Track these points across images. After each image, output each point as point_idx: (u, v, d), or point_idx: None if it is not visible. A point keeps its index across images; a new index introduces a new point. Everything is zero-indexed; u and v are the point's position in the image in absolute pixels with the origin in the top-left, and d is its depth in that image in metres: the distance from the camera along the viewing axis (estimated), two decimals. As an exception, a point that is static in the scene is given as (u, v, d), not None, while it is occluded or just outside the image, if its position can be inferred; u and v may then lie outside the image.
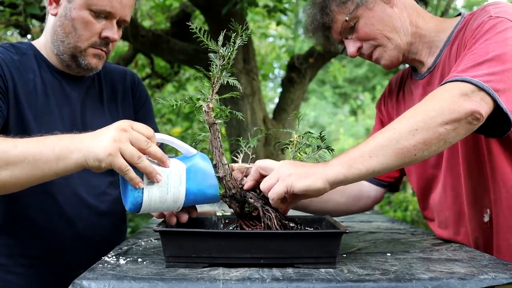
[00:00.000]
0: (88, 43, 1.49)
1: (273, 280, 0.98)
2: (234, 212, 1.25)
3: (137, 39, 4.53)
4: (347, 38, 1.52)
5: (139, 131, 1.14)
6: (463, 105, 1.18)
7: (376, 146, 1.17)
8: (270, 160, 1.24)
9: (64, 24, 1.48)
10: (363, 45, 1.52)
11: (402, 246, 1.42)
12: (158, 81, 6.26)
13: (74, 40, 1.48)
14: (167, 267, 1.10)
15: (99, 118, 1.59)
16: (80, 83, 1.59)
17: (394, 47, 1.49)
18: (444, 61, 1.48)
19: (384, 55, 1.51)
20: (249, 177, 1.24)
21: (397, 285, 0.97)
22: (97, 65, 1.53)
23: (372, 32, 1.48)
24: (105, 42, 1.51)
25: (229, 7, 3.72)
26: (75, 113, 1.55)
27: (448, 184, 1.51)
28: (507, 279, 1.02)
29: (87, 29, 1.47)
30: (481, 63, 1.24)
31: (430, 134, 1.17)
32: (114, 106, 1.66)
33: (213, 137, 1.20)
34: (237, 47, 1.19)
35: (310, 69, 5.02)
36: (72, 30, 1.47)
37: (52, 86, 1.52)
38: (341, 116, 15.40)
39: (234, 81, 1.19)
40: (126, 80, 1.73)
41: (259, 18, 6.32)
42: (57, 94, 1.52)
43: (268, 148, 4.53)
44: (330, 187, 1.17)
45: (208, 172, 1.20)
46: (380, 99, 1.77)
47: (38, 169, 1.16)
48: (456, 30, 1.47)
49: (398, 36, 1.49)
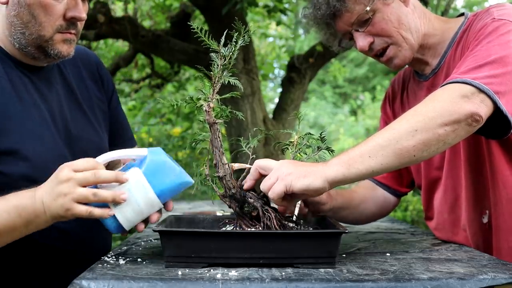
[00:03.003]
0: (53, 29, 1.28)
1: (273, 280, 0.98)
2: (234, 212, 1.25)
3: (137, 39, 4.53)
4: (357, 30, 1.45)
5: (82, 169, 1.12)
6: (463, 106, 1.18)
7: (376, 146, 1.17)
8: (270, 160, 1.23)
9: (20, 12, 1.26)
10: (375, 40, 1.46)
11: (402, 246, 1.42)
12: (158, 81, 6.26)
13: (36, 30, 1.27)
14: (166, 267, 1.10)
15: (76, 111, 1.44)
16: (46, 74, 1.40)
17: (408, 47, 1.46)
18: (448, 63, 1.47)
19: (398, 55, 1.47)
20: (249, 177, 1.24)
21: (396, 285, 0.98)
22: (68, 52, 1.33)
23: (389, 28, 1.43)
24: (72, 23, 1.30)
25: (229, 7, 3.72)
26: (52, 112, 1.37)
27: (448, 186, 1.51)
28: (506, 279, 1.02)
29: (48, 13, 1.26)
30: (482, 65, 1.24)
31: (429, 135, 1.17)
32: (86, 94, 1.50)
33: (214, 137, 1.21)
34: (238, 47, 1.19)
35: (310, 69, 5.01)
36: (31, 19, 1.26)
37: (22, 86, 1.32)
38: (341, 116, 15.39)
39: (235, 81, 1.19)
40: (91, 63, 1.55)
41: (259, 18, 6.32)
42: (29, 93, 1.33)
43: (268, 148, 4.53)
44: (329, 186, 1.17)
45: (166, 165, 1.17)
46: (384, 100, 1.75)
47: (9, 236, 1.16)
48: (460, 31, 1.46)
49: (412, 37, 1.46)
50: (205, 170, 1.27)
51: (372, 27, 1.44)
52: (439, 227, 1.57)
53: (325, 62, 5.33)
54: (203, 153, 1.30)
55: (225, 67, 1.19)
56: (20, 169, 1.25)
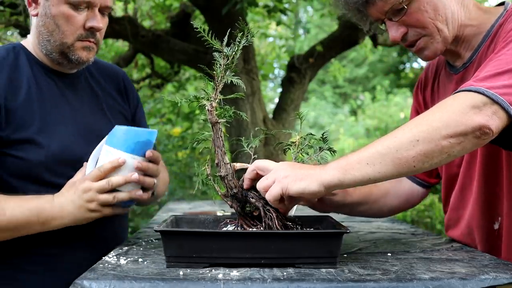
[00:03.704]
0: (74, 37, 1.47)
1: (274, 280, 0.98)
2: (235, 211, 1.25)
3: (137, 39, 4.54)
4: (390, 19, 1.38)
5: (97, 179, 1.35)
6: (471, 118, 1.10)
7: (375, 154, 1.12)
8: (268, 161, 1.22)
9: (46, 23, 1.47)
10: (409, 31, 1.38)
11: (403, 246, 1.42)
12: (158, 81, 6.27)
13: (59, 37, 1.47)
14: (167, 267, 1.10)
15: (97, 113, 1.61)
16: (73, 80, 1.58)
17: (442, 39, 1.38)
18: (480, 58, 1.38)
19: (430, 47, 1.39)
20: (246, 175, 1.23)
21: (398, 285, 0.97)
22: (88, 58, 1.51)
23: (425, 20, 1.35)
24: (91, 32, 1.49)
25: (229, 7, 3.72)
26: (74, 112, 1.54)
27: (463, 186, 1.48)
28: (508, 279, 1.02)
29: (70, 23, 1.45)
30: (502, 72, 1.15)
31: (431, 146, 1.10)
32: (111, 102, 1.67)
33: (216, 136, 1.21)
34: (241, 46, 1.18)
35: (310, 69, 5.02)
36: (55, 28, 1.46)
37: (47, 88, 1.51)
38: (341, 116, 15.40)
39: (238, 81, 1.19)
40: (119, 77, 1.74)
41: (259, 18, 6.32)
42: (53, 95, 1.52)
43: (268, 148, 4.53)
44: (325, 190, 1.14)
45: (123, 130, 1.36)
46: (417, 86, 1.66)
47: (25, 231, 1.37)
48: (497, 24, 1.37)
49: (447, 28, 1.37)
50: (207, 170, 1.27)
51: (407, 17, 1.35)
52: (451, 223, 1.55)
53: (325, 62, 5.34)
54: (204, 153, 1.31)
55: (227, 67, 1.19)
56: (37, 157, 1.42)
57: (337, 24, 5.20)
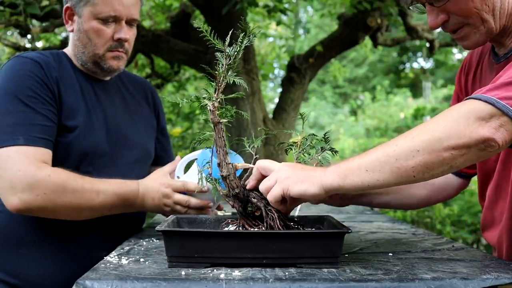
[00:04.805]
0: (105, 48, 1.64)
1: (276, 280, 0.98)
2: (237, 211, 1.25)
3: (137, 39, 4.52)
4: (432, 4, 1.29)
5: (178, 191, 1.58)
6: (476, 130, 1.02)
7: (374, 161, 1.09)
8: (271, 161, 1.23)
9: (80, 37, 1.65)
10: (450, 19, 1.29)
11: (404, 246, 1.42)
12: (158, 81, 6.26)
13: (92, 49, 1.64)
14: (169, 267, 1.10)
15: (127, 113, 1.78)
16: (107, 86, 1.76)
17: (486, 31, 1.28)
18: None
19: (471, 37, 1.31)
20: (251, 177, 1.24)
21: (399, 285, 0.98)
22: (118, 66, 1.69)
23: (469, 10, 1.26)
24: (119, 43, 1.65)
25: (229, 7, 3.72)
26: (106, 113, 1.69)
27: (498, 183, 1.43)
28: (510, 279, 1.02)
29: (100, 36, 1.63)
30: None
31: (432, 158, 1.04)
32: (139, 109, 1.84)
33: (218, 136, 1.21)
34: (244, 46, 1.18)
35: (310, 69, 5.02)
36: (88, 41, 1.64)
37: (86, 90, 1.67)
38: (341, 116, 15.41)
39: (240, 81, 1.19)
40: (146, 88, 1.92)
41: (259, 18, 6.32)
42: (91, 97, 1.68)
43: (268, 148, 4.53)
44: (326, 193, 1.13)
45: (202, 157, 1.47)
46: (460, 69, 1.58)
47: (106, 213, 1.54)
48: None
49: (493, 19, 1.27)
50: (209, 170, 1.27)
51: (450, 5, 1.26)
52: (485, 222, 1.49)
53: (325, 62, 5.35)
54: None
55: (229, 67, 1.19)
56: (78, 147, 1.59)
57: (337, 24, 5.20)
